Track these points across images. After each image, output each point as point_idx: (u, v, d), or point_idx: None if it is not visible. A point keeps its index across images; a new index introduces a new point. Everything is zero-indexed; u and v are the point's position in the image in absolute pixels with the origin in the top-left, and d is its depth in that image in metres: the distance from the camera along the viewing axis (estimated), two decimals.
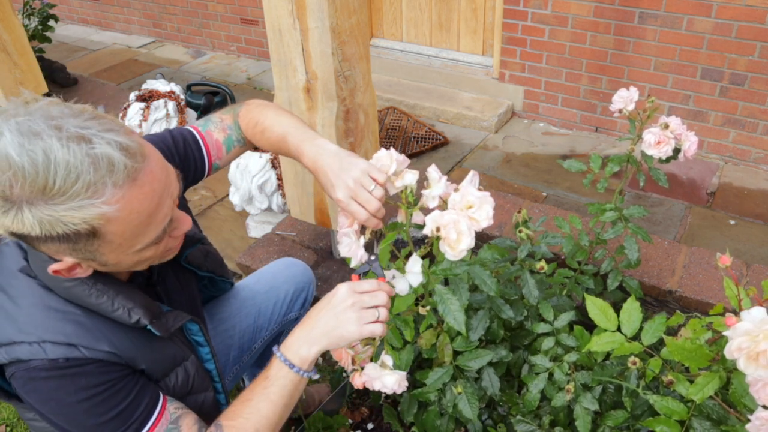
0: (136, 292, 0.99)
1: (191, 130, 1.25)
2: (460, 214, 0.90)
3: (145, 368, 1.01)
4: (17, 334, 0.89)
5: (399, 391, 1.02)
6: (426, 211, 0.97)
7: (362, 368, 1.03)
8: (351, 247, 1.01)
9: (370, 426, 1.89)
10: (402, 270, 1.00)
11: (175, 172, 0.92)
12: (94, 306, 0.93)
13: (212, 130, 1.26)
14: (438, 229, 0.90)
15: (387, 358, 1.03)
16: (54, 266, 0.85)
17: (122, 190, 0.79)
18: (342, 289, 0.98)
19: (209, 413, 1.17)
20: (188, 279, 1.29)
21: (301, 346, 0.99)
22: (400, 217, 1.02)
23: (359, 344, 1.07)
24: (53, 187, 0.74)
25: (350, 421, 1.90)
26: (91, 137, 0.77)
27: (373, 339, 1.05)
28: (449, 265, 1.03)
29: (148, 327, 0.98)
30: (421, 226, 0.97)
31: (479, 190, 0.94)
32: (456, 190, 0.94)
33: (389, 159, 0.99)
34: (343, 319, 0.96)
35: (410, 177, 0.99)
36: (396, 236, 1.00)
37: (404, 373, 1.03)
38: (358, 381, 1.03)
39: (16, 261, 0.95)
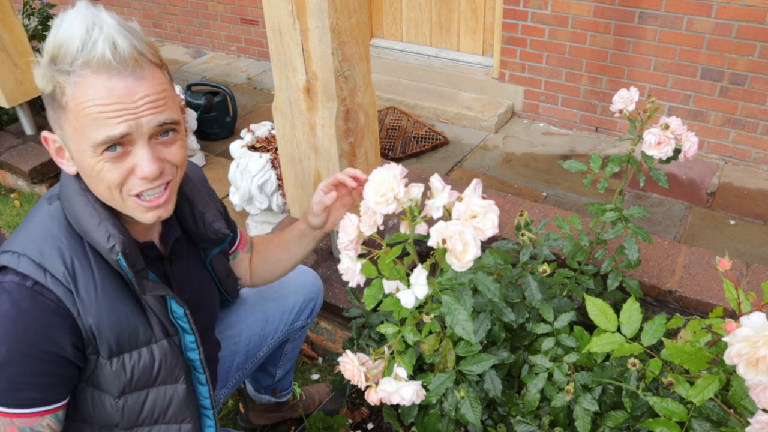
0: (127, 233, 1.01)
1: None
2: (465, 225, 0.89)
3: (93, 324, 0.99)
4: (10, 244, 0.99)
5: (418, 401, 1.01)
6: (430, 221, 0.97)
7: (376, 384, 1.02)
8: (349, 269, 1.00)
9: (370, 426, 1.89)
10: (405, 281, 0.99)
11: (169, 118, 0.96)
12: (83, 221, 0.98)
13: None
14: (444, 241, 0.89)
15: (400, 370, 1.02)
16: (46, 134, 0.98)
17: (91, 74, 0.88)
18: None
19: (178, 408, 1.15)
20: (206, 278, 1.30)
21: None
22: (404, 229, 1.01)
23: (370, 360, 1.06)
24: (58, 51, 0.88)
25: (350, 421, 1.90)
26: (102, 26, 0.89)
27: (383, 354, 1.04)
28: (454, 275, 1.02)
29: (119, 257, 0.97)
30: (425, 237, 0.96)
31: (483, 198, 0.93)
32: (459, 198, 0.93)
33: (396, 182, 0.94)
34: None
35: (416, 191, 0.98)
36: (401, 250, 0.99)
37: (420, 383, 1.02)
38: (374, 397, 1.01)
39: (50, 191, 1.07)
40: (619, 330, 1.10)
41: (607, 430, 1.25)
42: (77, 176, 1.00)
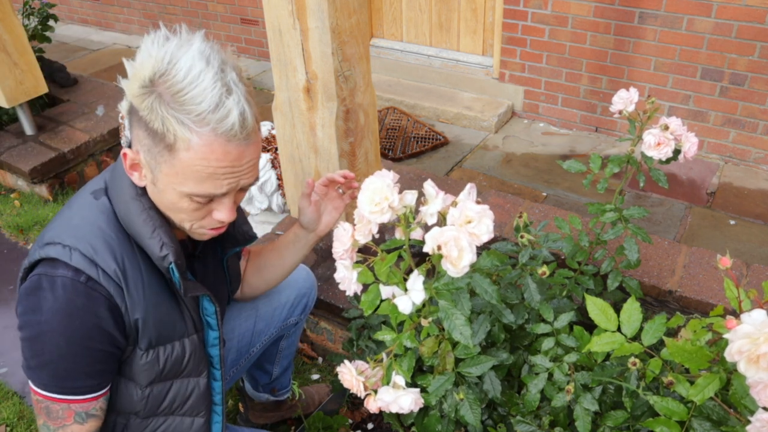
0: (177, 241, 1.06)
1: None
2: (460, 230, 0.89)
3: (140, 318, 1.05)
4: (60, 234, 1.01)
5: (416, 410, 1.01)
6: (425, 227, 0.97)
7: (375, 392, 1.02)
8: (345, 278, 1.00)
9: (370, 426, 1.89)
10: (402, 286, 0.99)
11: (255, 179, 1.03)
12: (137, 226, 1.02)
13: None
14: (439, 247, 0.89)
15: (398, 379, 1.02)
16: (128, 151, 0.99)
17: (214, 137, 0.91)
18: None
19: (196, 401, 1.21)
20: (221, 276, 1.33)
21: None
22: (399, 235, 1.01)
23: (369, 368, 1.06)
24: (182, 98, 0.89)
25: (350, 421, 1.90)
26: (234, 91, 0.92)
27: (381, 361, 1.04)
28: (451, 279, 1.02)
29: (171, 266, 1.03)
30: (420, 242, 0.96)
31: (477, 202, 0.93)
32: (454, 204, 0.93)
33: (390, 191, 0.94)
34: None
35: (409, 198, 0.98)
36: (396, 257, 0.99)
37: (418, 391, 1.02)
38: (373, 406, 1.02)
39: (93, 185, 1.09)
40: (619, 330, 1.10)
41: (608, 430, 1.25)
42: (131, 185, 1.03)
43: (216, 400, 1.27)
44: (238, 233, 1.28)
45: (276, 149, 2.40)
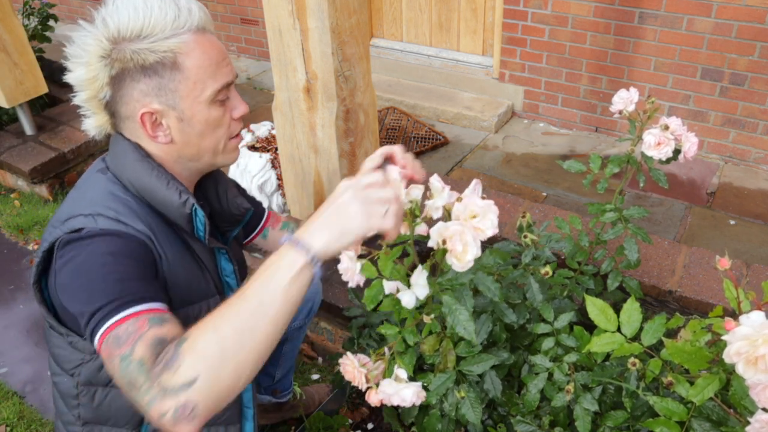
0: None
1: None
2: (465, 225, 0.89)
3: (171, 272, 1.05)
4: (77, 209, 1.02)
5: (418, 403, 1.01)
6: (430, 221, 0.97)
7: (377, 385, 1.02)
8: (348, 269, 1.00)
9: (370, 426, 1.89)
10: (406, 282, 0.99)
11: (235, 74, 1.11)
12: (151, 183, 1.04)
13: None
14: (444, 242, 0.89)
15: (401, 372, 1.02)
16: (144, 109, 1.02)
17: (196, 35, 1.01)
18: (342, 183, 0.90)
19: None
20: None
21: (302, 235, 0.87)
22: (404, 229, 1.01)
23: (370, 361, 1.06)
24: (148, 28, 0.98)
25: (350, 421, 1.90)
26: None
27: (383, 355, 1.04)
28: (454, 275, 1.02)
29: (194, 208, 1.06)
30: (424, 237, 0.96)
31: (482, 198, 0.93)
32: (459, 199, 0.94)
33: (397, 185, 0.94)
34: (345, 212, 0.86)
35: (416, 192, 0.98)
36: (400, 251, 0.99)
37: (420, 384, 1.02)
38: (374, 398, 1.02)
39: (95, 167, 1.12)
40: (619, 330, 1.10)
41: (607, 430, 1.25)
42: (136, 146, 1.06)
43: None
44: (233, 206, 1.26)
45: (276, 149, 2.40)
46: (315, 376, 2.09)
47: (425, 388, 1.24)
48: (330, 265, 0.99)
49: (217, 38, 1.08)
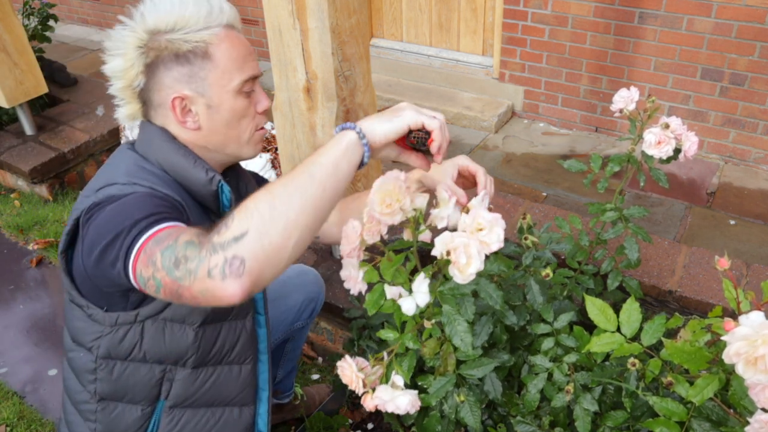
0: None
1: None
2: (471, 237, 0.89)
3: None
4: (113, 179, 1.04)
5: (413, 411, 1.00)
6: (433, 230, 0.97)
7: (373, 390, 1.02)
8: (351, 277, 1.00)
9: (370, 426, 1.89)
10: (407, 286, 0.99)
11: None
12: (178, 162, 1.08)
13: None
14: (448, 252, 0.89)
15: (398, 378, 1.02)
16: (175, 94, 1.07)
17: (226, 30, 1.09)
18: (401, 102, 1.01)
19: (243, 346, 1.21)
20: None
21: (362, 123, 0.94)
22: (407, 236, 1.01)
23: (369, 365, 1.06)
24: (182, 21, 1.05)
25: (350, 421, 1.90)
26: None
27: (382, 359, 1.04)
28: (456, 284, 1.02)
29: (221, 184, 1.09)
30: (427, 244, 0.96)
31: (489, 209, 0.93)
32: (466, 210, 0.93)
33: (402, 193, 0.94)
34: (397, 109, 0.96)
35: (421, 201, 0.98)
36: (403, 258, 0.99)
37: (416, 392, 1.02)
38: (369, 403, 1.01)
39: (125, 145, 1.15)
40: (618, 330, 1.10)
41: (607, 430, 1.25)
42: (164, 130, 1.11)
43: (261, 348, 1.26)
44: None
45: (276, 149, 2.40)
46: (315, 376, 2.09)
47: (425, 390, 1.24)
48: (330, 264, 0.99)
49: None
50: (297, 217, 0.82)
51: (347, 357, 1.04)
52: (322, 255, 2.22)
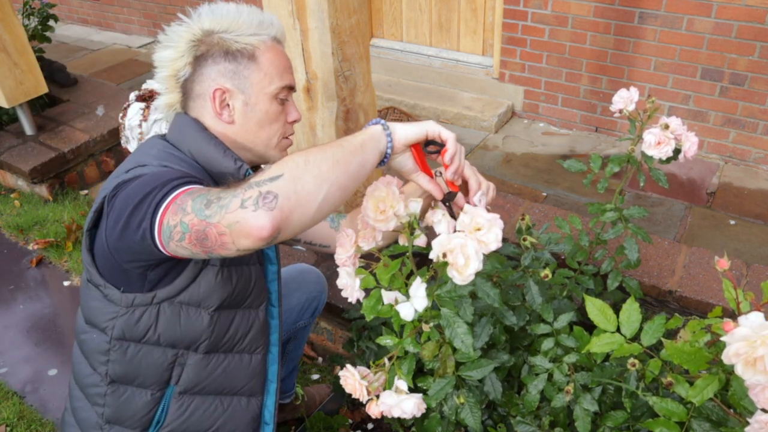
0: None
1: None
2: (468, 237, 0.89)
3: None
4: (143, 161, 1.08)
5: (419, 414, 1.00)
6: (428, 234, 0.97)
7: (377, 397, 1.02)
8: (348, 285, 1.00)
9: (370, 426, 1.89)
10: (404, 291, 0.99)
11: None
12: (209, 152, 1.12)
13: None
14: (444, 255, 0.89)
15: (401, 383, 1.02)
16: (217, 86, 1.13)
17: (273, 41, 1.17)
18: None
19: (255, 335, 1.22)
20: None
21: (387, 123, 1.02)
22: (402, 241, 1.01)
23: (371, 373, 1.05)
24: (235, 25, 1.14)
25: (350, 421, 1.90)
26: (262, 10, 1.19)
27: (383, 366, 1.04)
28: (454, 287, 1.02)
29: (248, 171, 1.13)
30: (424, 249, 0.95)
31: (487, 209, 0.93)
32: (463, 210, 0.93)
33: (395, 199, 0.96)
34: (422, 120, 1.03)
35: (414, 206, 0.98)
36: (399, 264, 0.99)
37: (420, 396, 1.02)
38: (375, 410, 1.01)
39: (155, 136, 1.20)
40: (618, 330, 1.10)
41: (607, 430, 1.25)
42: (197, 121, 1.16)
43: (272, 340, 1.27)
44: None
45: None
46: (315, 376, 2.09)
47: (424, 392, 1.24)
48: (331, 264, 0.99)
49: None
50: (328, 171, 0.88)
51: (349, 366, 1.04)
52: (322, 255, 2.22)
